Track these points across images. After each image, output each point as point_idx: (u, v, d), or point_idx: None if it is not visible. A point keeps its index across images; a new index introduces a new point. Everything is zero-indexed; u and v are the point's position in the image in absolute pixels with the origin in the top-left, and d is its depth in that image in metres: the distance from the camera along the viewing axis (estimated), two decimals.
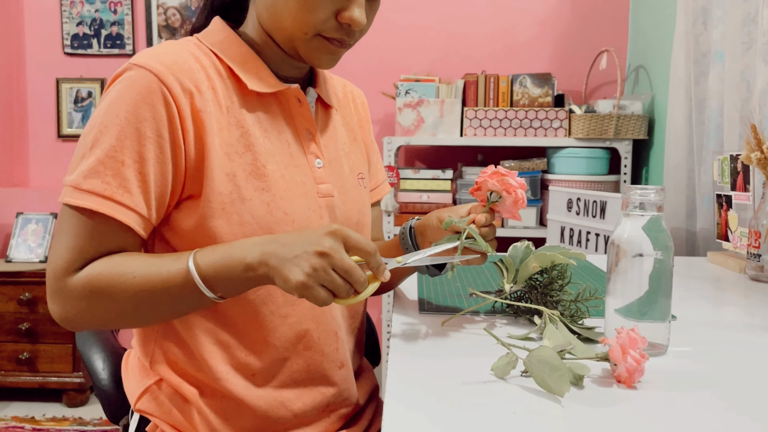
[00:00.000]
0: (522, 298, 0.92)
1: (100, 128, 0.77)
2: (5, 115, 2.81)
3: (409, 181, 2.37)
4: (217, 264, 0.75)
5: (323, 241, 0.71)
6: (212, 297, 0.76)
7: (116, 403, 0.97)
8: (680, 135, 1.86)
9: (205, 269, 0.75)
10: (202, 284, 0.75)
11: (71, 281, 0.76)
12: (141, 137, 0.76)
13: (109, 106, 0.77)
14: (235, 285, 0.76)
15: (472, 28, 2.64)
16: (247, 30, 0.89)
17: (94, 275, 0.76)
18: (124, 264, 0.76)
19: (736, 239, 1.38)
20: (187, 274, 0.75)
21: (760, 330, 0.89)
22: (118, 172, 0.76)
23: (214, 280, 0.75)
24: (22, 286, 2.52)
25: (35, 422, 2.41)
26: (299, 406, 0.87)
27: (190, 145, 0.79)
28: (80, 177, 0.76)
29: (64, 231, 0.77)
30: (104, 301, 0.76)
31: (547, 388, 0.63)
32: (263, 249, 0.74)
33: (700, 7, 1.79)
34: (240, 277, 0.75)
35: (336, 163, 0.94)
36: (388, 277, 0.75)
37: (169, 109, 0.77)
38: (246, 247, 0.75)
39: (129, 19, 2.79)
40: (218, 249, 0.76)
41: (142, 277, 0.75)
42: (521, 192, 0.86)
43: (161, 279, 0.75)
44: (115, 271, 0.76)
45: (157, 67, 0.77)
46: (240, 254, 0.74)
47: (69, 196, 0.76)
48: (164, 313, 0.79)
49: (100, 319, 0.79)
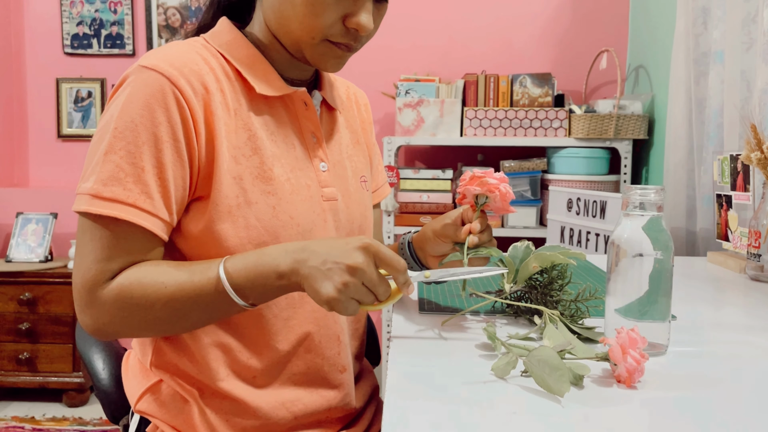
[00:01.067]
0: (522, 298, 0.92)
1: (114, 133, 0.75)
2: (5, 115, 2.81)
3: (409, 181, 2.37)
4: (249, 272, 0.75)
5: (356, 256, 0.71)
6: (243, 305, 0.77)
7: (116, 403, 0.96)
8: (680, 135, 1.86)
9: (236, 277, 0.75)
10: (233, 292, 0.75)
11: (103, 293, 0.76)
12: (158, 141, 0.76)
13: (122, 109, 0.76)
14: (267, 292, 0.76)
15: (472, 28, 2.64)
16: (253, 30, 0.88)
17: (126, 286, 0.76)
18: (156, 273, 0.76)
19: (736, 239, 1.38)
20: (218, 282, 0.75)
21: (760, 330, 0.89)
22: (139, 179, 0.75)
23: (245, 287, 0.76)
24: (22, 286, 2.52)
25: (35, 422, 2.41)
26: (300, 408, 0.87)
27: (202, 148, 0.79)
28: (100, 184, 0.75)
29: (88, 242, 0.76)
30: (137, 312, 0.76)
31: (547, 388, 0.63)
32: (295, 257, 0.74)
33: (700, 7, 1.79)
34: (272, 285, 0.75)
35: (340, 167, 0.94)
36: (412, 291, 0.76)
37: (182, 112, 0.77)
38: (278, 254, 0.75)
39: (129, 19, 2.79)
40: (249, 256, 0.77)
41: (174, 286, 0.76)
42: (504, 186, 0.87)
43: (193, 288, 0.76)
44: (147, 281, 0.76)
45: (168, 70, 0.77)
46: (272, 262, 0.75)
47: (89, 204, 0.75)
48: (196, 320, 0.79)
49: (134, 329, 0.79)
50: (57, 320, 2.53)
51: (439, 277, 0.82)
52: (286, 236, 0.83)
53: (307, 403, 0.87)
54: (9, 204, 2.81)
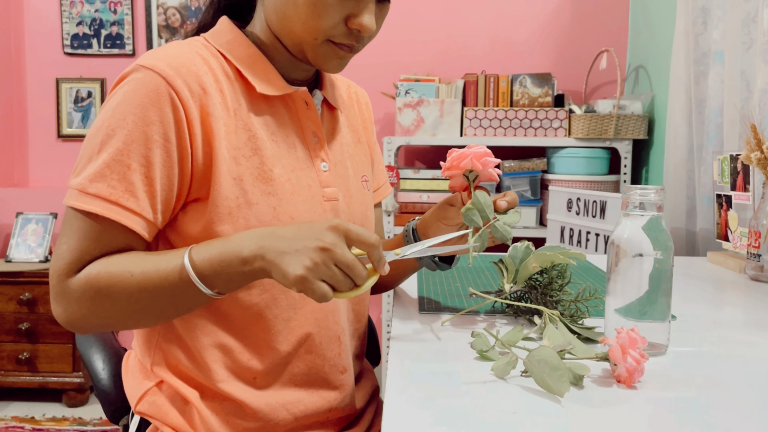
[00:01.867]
0: (522, 298, 0.92)
1: (106, 131, 0.76)
2: (5, 115, 2.81)
3: (409, 181, 2.37)
4: (213, 259, 0.74)
5: (325, 236, 0.70)
6: (209, 293, 0.75)
7: (116, 403, 0.96)
8: (680, 135, 1.86)
9: (200, 265, 0.74)
10: (198, 280, 0.74)
11: (72, 282, 0.76)
12: (148, 141, 0.76)
13: (116, 108, 0.76)
14: (232, 280, 0.75)
15: (472, 28, 2.64)
16: (254, 30, 0.88)
17: (92, 275, 0.75)
18: (123, 263, 0.76)
19: (736, 239, 1.38)
20: (182, 270, 0.74)
21: (760, 330, 0.89)
22: (124, 176, 0.75)
23: (210, 275, 0.74)
24: (22, 286, 2.52)
25: (35, 422, 2.41)
26: (300, 409, 0.86)
27: (198, 149, 0.78)
28: (86, 180, 0.75)
29: (68, 233, 0.77)
30: (104, 302, 0.76)
31: (547, 388, 0.63)
32: (260, 243, 0.72)
33: (700, 7, 1.79)
34: (237, 271, 0.73)
35: (341, 166, 0.93)
36: (387, 270, 0.74)
37: (176, 113, 0.77)
38: (242, 240, 0.74)
39: (129, 19, 2.79)
40: (214, 243, 0.75)
41: (140, 275, 0.75)
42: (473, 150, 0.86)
43: (158, 276, 0.75)
44: (114, 270, 0.75)
45: (165, 70, 0.77)
46: (236, 248, 0.73)
47: (74, 199, 0.75)
48: (164, 311, 0.78)
49: (103, 321, 0.78)
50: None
51: (411, 253, 0.79)
52: None
53: (307, 404, 0.87)
54: (9, 204, 2.81)
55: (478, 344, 0.76)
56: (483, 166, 0.86)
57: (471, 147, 0.87)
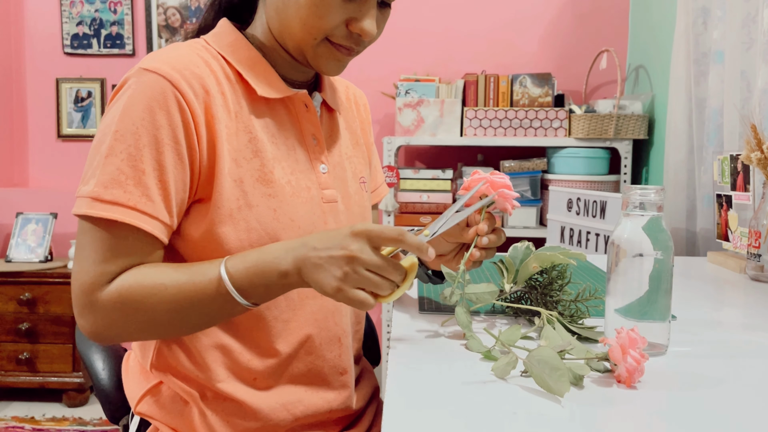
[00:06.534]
0: (522, 298, 0.92)
1: (115, 136, 0.75)
2: (5, 115, 2.81)
3: (409, 181, 2.37)
4: (250, 271, 0.74)
5: (348, 244, 0.70)
6: (246, 304, 0.76)
7: (116, 403, 0.96)
8: (680, 135, 1.86)
9: (237, 277, 0.75)
10: (235, 292, 0.74)
11: (102, 295, 0.75)
12: (159, 144, 0.75)
13: (123, 112, 0.75)
14: (270, 291, 0.76)
15: (472, 28, 2.64)
16: (255, 32, 0.88)
17: (125, 288, 0.75)
18: (155, 275, 0.76)
19: (736, 239, 1.38)
20: (219, 282, 0.75)
21: (760, 330, 0.89)
22: (139, 181, 0.75)
23: (248, 287, 0.75)
24: (21, 286, 2.52)
25: (35, 422, 2.41)
26: (300, 410, 0.86)
27: (204, 150, 0.79)
28: (100, 187, 0.74)
29: (87, 244, 0.76)
30: (137, 314, 0.75)
31: (547, 388, 0.63)
32: (295, 254, 0.73)
33: (700, 7, 1.79)
34: (275, 284, 0.75)
35: (339, 168, 0.94)
36: (432, 254, 0.71)
37: (183, 115, 0.76)
38: (279, 253, 0.74)
39: (129, 18, 2.79)
40: (249, 256, 0.76)
41: (174, 288, 0.75)
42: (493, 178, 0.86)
43: (194, 289, 0.75)
44: (147, 283, 0.75)
45: (169, 72, 0.76)
46: (274, 261, 0.74)
47: (89, 207, 0.74)
48: (198, 322, 0.78)
49: (133, 332, 0.78)
50: (57, 320, 2.53)
51: (440, 227, 0.79)
52: (286, 239, 0.82)
53: (307, 404, 0.87)
54: (9, 204, 2.81)
55: (472, 345, 0.76)
56: (499, 196, 0.85)
57: (495, 174, 0.86)
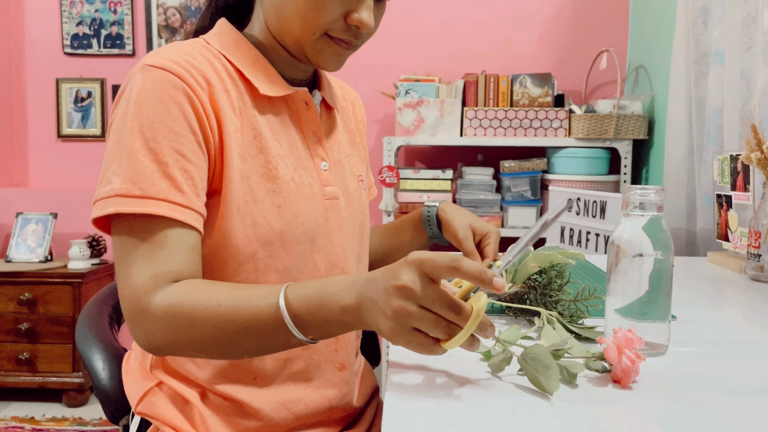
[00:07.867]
0: (521, 298, 0.92)
1: (131, 132, 0.74)
2: (5, 115, 2.81)
3: (409, 181, 2.37)
4: (310, 301, 0.66)
5: (400, 273, 0.60)
6: (302, 338, 0.68)
7: (116, 403, 0.96)
8: (680, 135, 1.86)
9: (296, 306, 0.67)
10: (292, 324, 0.67)
11: (153, 304, 0.71)
12: (177, 136, 0.75)
13: (135, 108, 0.75)
14: (330, 327, 0.67)
15: (472, 28, 2.64)
16: (253, 32, 0.89)
17: (177, 299, 0.70)
18: (209, 291, 0.71)
19: (736, 239, 1.38)
20: (276, 310, 0.67)
21: (760, 330, 0.89)
22: (166, 174, 0.73)
23: (305, 319, 0.67)
24: (21, 286, 2.52)
25: (35, 422, 2.41)
26: (301, 408, 0.87)
27: (216, 141, 0.79)
28: (128, 183, 0.72)
29: (128, 248, 0.72)
30: (188, 329, 0.70)
31: (538, 385, 0.63)
32: (358, 289, 0.64)
33: (700, 7, 1.79)
34: (336, 320, 0.66)
35: (339, 166, 0.94)
36: (504, 286, 0.60)
37: (194, 106, 0.76)
38: (343, 285, 0.66)
39: (129, 19, 2.79)
40: (312, 285, 0.68)
41: (229, 307, 0.69)
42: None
43: (249, 311, 0.68)
44: (200, 296, 0.70)
45: (174, 67, 0.77)
46: (337, 293, 0.65)
47: (118, 205, 0.71)
48: (250, 347, 0.72)
49: (185, 348, 0.73)
50: (57, 320, 2.53)
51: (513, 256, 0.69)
52: (291, 234, 0.83)
53: (308, 402, 0.87)
54: (9, 204, 2.81)
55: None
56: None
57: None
